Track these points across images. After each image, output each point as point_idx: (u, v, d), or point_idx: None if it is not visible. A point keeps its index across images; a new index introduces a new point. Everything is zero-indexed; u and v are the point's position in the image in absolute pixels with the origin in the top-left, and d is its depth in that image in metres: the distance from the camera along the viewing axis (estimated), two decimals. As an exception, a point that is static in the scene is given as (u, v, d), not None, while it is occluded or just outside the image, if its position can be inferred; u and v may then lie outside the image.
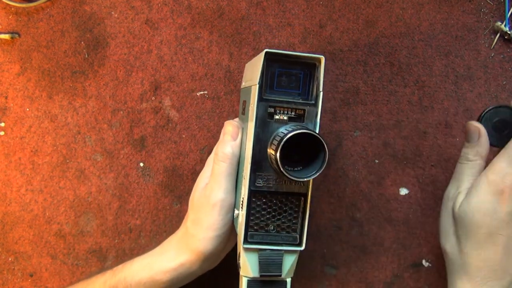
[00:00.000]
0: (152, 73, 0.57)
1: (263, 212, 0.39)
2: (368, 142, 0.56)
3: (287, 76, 0.38)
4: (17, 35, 0.57)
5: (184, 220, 0.49)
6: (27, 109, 0.57)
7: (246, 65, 0.50)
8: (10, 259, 0.56)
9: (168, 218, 0.56)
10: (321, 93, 0.38)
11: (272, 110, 0.38)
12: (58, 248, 0.56)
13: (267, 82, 0.38)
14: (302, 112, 0.38)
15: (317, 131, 0.37)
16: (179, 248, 0.45)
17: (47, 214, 0.56)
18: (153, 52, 0.57)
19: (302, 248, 0.39)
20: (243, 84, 0.48)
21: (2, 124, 0.57)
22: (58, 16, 0.58)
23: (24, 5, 0.57)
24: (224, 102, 0.57)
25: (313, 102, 0.38)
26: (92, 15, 0.58)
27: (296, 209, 0.39)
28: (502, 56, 0.56)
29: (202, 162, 0.56)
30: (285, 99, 0.38)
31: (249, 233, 0.39)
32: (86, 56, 0.57)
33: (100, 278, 0.48)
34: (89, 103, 0.57)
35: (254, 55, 0.57)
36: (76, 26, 0.58)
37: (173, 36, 0.57)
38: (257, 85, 0.37)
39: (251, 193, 0.39)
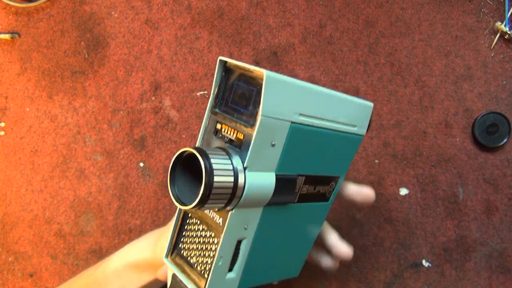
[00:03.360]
0: (152, 73, 0.57)
1: (192, 239, 0.34)
2: (368, 142, 0.56)
3: (242, 91, 0.32)
4: (17, 35, 0.57)
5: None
6: (27, 109, 0.57)
7: None
8: (10, 259, 0.56)
9: (168, 218, 0.56)
10: (261, 118, 0.29)
11: (219, 126, 0.33)
12: (58, 248, 0.56)
13: (222, 95, 0.33)
14: (242, 136, 0.31)
15: (244, 165, 0.30)
16: (149, 243, 0.45)
17: (47, 214, 0.56)
18: (153, 52, 0.57)
19: None
20: None
21: (2, 124, 0.57)
22: (58, 16, 0.58)
23: (24, 5, 0.57)
24: (224, 102, 0.57)
25: (252, 126, 0.30)
26: (92, 15, 0.57)
27: (215, 249, 0.32)
28: (502, 56, 0.56)
29: (202, 162, 0.56)
30: (233, 118, 0.32)
31: (175, 251, 0.35)
32: (86, 56, 0.57)
33: (86, 272, 0.49)
34: (89, 103, 0.57)
35: (254, 55, 0.57)
36: (76, 26, 0.58)
37: (173, 36, 0.57)
38: (211, 96, 0.34)
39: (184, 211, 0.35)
